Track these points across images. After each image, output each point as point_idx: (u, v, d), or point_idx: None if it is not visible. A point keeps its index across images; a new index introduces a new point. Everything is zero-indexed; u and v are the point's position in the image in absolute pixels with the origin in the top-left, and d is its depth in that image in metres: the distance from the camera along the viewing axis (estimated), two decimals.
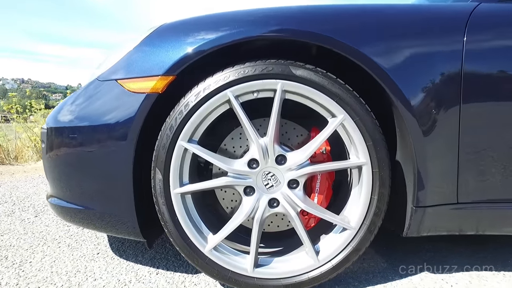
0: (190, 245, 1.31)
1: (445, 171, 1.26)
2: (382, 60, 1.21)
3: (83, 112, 1.36)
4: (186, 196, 1.32)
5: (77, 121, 1.36)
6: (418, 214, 1.29)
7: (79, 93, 1.42)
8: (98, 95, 1.35)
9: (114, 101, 1.31)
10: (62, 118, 1.42)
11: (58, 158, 1.41)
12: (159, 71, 1.26)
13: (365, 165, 1.25)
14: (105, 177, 1.33)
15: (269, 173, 1.29)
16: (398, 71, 1.21)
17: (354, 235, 1.29)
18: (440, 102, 1.22)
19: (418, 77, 1.22)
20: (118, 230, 1.40)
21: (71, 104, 1.42)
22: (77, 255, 1.70)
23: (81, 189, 1.39)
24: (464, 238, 1.87)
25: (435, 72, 1.22)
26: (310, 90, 1.22)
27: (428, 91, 1.22)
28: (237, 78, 1.22)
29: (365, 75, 1.24)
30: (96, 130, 1.32)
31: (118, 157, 1.29)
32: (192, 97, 1.24)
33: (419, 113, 1.21)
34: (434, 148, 1.23)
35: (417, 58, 1.23)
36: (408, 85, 1.21)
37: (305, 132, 1.45)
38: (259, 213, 1.29)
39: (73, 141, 1.36)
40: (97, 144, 1.32)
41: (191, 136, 1.27)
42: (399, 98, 1.21)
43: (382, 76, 1.20)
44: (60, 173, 1.44)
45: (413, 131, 1.22)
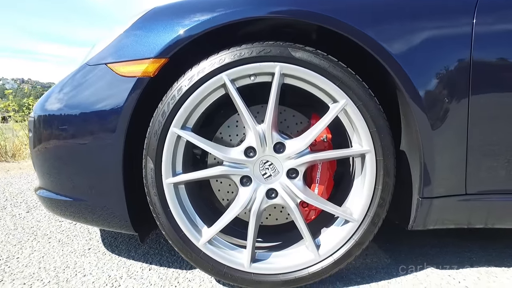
0: (183, 238, 1.24)
1: (453, 160, 1.18)
2: (389, 43, 1.13)
3: (71, 99, 1.29)
4: (180, 186, 1.25)
5: (65, 108, 1.29)
6: (424, 206, 1.22)
7: (67, 79, 1.35)
8: (87, 80, 1.28)
9: (103, 86, 1.24)
10: (50, 106, 1.35)
11: (46, 147, 1.34)
12: (150, 54, 1.19)
13: (368, 153, 1.18)
14: (94, 167, 1.27)
15: (267, 162, 1.21)
16: (405, 55, 1.13)
17: (357, 228, 1.22)
18: (448, 89, 1.15)
19: (425, 62, 1.15)
20: (110, 223, 1.34)
21: (59, 90, 1.35)
22: (67, 251, 1.63)
23: (70, 179, 1.32)
24: (471, 233, 1.80)
25: (443, 58, 1.15)
26: (310, 73, 1.15)
27: (436, 78, 1.14)
28: (233, 60, 1.15)
29: (367, 61, 1.17)
30: (85, 116, 1.25)
31: (107, 145, 1.22)
32: (185, 81, 1.17)
33: (427, 100, 1.14)
34: (442, 135, 1.16)
35: (424, 41, 1.15)
36: (415, 70, 1.13)
37: (305, 119, 1.38)
38: (256, 204, 1.22)
39: (61, 129, 1.29)
40: (86, 131, 1.25)
41: (184, 122, 1.20)
42: (405, 84, 1.13)
43: (389, 61, 1.13)
44: (48, 163, 1.37)
45: (420, 119, 1.14)
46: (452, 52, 1.15)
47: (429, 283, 1.32)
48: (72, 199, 1.35)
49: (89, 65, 1.30)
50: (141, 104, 1.22)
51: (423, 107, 1.14)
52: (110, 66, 1.24)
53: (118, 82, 1.21)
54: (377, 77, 1.25)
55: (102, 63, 1.26)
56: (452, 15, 1.15)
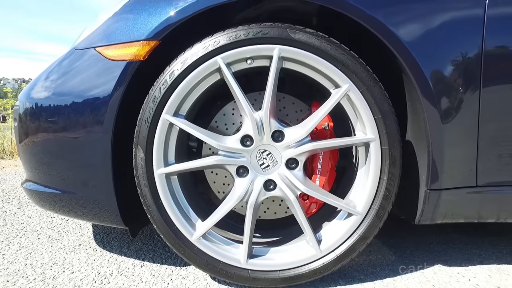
0: (175, 232, 1.16)
1: (463, 150, 1.11)
2: (396, 25, 1.06)
3: (58, 85, 1.22)
4: (172, 177, 1.18)
5: (51, 95, 1.23)
6: (432, 198, 1.14)
7: (54, 65, 1.28)
8: (75, 65, 1.21)
9: (91, 71, 1.17)
10: (36, 93, 1.28)
11: (32, 137, 1.27)
12: (141, 36, 1.12)
13: (373, 142, 1.10)
14: (82, 157, 1.20)
15: (265, 151, 1.14)
16: (413, 39, 1.06)
17: (361, 222, 1.14)
18: (459, 74, 1.08)
19: (434, 45, 1.07)
20: (100, 217, 1.26)
21: (46, 77, 1.28)
22: (56, 247, 1.55)
23: (58, 171, 1.25)
24: (478, 229, 1.72)
25: (453, 41, 1.08)
26: (310, 56, 1.08)
27: (446, 62, 1.07)
28: (229, 42, 1.08)
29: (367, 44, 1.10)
30: (72, 103, 1.18)
31: (95, 133, 1.15)
32: (178, 65, 1.10)
33: (436, 86, 1.06)
34: (452, 123, 1.09)
35: (433, 23, 1.08)
36: (423, 53, 1.06)
37: (305, 107, 1.30)
38: (254, 196, 1.15)
39: (48, 117, 1.22)
40: (73, 119, 1.18)
41: (177, 109, 1.13)
42: (411, 66, 1.06)
43: (395, 43, 1.06)
44: (34, 153, 1.29)
45: (429, 105, 1.07)
46: (463, 35, 1.08)
47: (437, 280, 1.24)
48: (60, 192, 1.27)
49: (76, 50, 1.23)
50: (132, 91, 1.15)
51: (432, 94, 1.07)
52: (99, 50, 1.17)
53: (107, 66, 1.14)
54: (380, 63, 1.17)
55: (90, 47, 1.19)
56: None
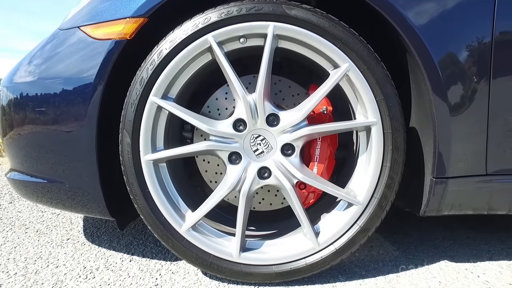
0: (163, 223, 1.09)
1: (472, 135, 1.03)
2: (407, 9, 0.99)
3: (41, 68, 1.16)
4: (161, 165, 1.11)
5: (35, 78, 1.16)
6: (438, 187, 1.06)
7: (38, 47, 1.22)
8: (59, 46, 1.15)
9: (76, 51, 1.10)
10: (18, 77, 1.22)
11: (15, 123, 1.21)
12: (127, 13, 1.05)
13: (374, 126, 1.03)
14: (67, 144, 1.13)
15: (259, 136, 1.07)
16: (422, 21, 0.99)
17: (362, 212, 1.07)
18: (468, 51, 1.00)
19: (443, 29, 1.00)
20: (88, 208, 1.19)
21: (30, 59, 1.21)
22: (43, 241, 1.48)
23: (42, 158, 1.18)
24: (486, 224, 1.63)
25: (462, 21, 1.01)
26: (307, 34, 1.01)
27: (451, 43, 1.00)
28: (220, 19, 1.01)
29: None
30: (56, 86, 1.11)
31: (79, 117, 1.09)
32: (166, 43, 1.03)
33: (442, 64, 0.99)
34: (459, 105, 1.01)
35: (443, 8, 1.00)
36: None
37: (302, 91, 1.23)
38: (247, 185, 1.07)
39: (30, 102, 1.16)
40: (58, 102, 1.11)
41: (165, 91, 1.06)
42: (416, 44, 0.99)
43: (405, 27, 0.99)
44: (18, 141, 1.22)
45: (435, 86, 1.00)
46: (472, 20, 1.01)
47: (444, 277, 1.16)
48: (46, 181, 1.21)
49: (61, 30, 1.17)
50: (119, 74, 1.08)
51: (438, 73, 0.99)
52: (83, 29, 1.10)
53: (92, 46, 1.08)
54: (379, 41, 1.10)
55: (74, 26, 1.13)
56: None
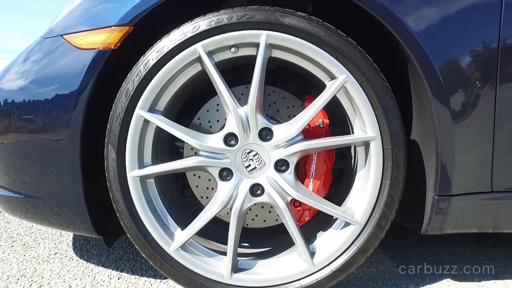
0: (151, 242, 1.03)
1: (477, 151, 0.98)
2: (406, 15, 0.93)
3: (23, 78, 1.10)
4: (148, 181, 1.05)
5: (16, 89, 1.11)
6: (441, 205, 1.01)
7: (21, 55, 1.17)
8: (42, 55, 1.09)
9: (59, 61, 1.05)
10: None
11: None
12: (111, 21, 1.00)
13: (373, 141, 0.97)
14: (48, 157, 1.08)
15: (251, 151, 1.01)
16: (420, 24, 0.94)
17: (360, 232, 1.01)
18: (472, 62, 0.95)
19: (443, 34, 0.95)
20: (75, 225, 1.14)
21: (11, 68, 1.16)
22: (29, 256, 1.43)
23: (23, 172, 1.13)
24: (489, 238, 1.57)
25: (465, 28, 0.95)
26: (302, 43, 0.95)
27: (455, 52, 0.95)
28: (209, 28, 0.96)
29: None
30: (37, 98, 1.06)
31: (62, 131, 1.03)
32: (153, 54, 0.98)
33: (446, 76, 0.93)
34: (464, 120, 0.96)
35: (445, 13, 0.95)
36: (426, 32, 0.94)
37: (297, 102, 1.17)
38: (238, 202, 1.02)
39: (11, 114, 1.10)
40: (40, 116, 1.06)
41: (153, 104, 1.00)
42: (417, 53, 0.93)
43: (400, 30, 0.93)
44: (1, 155, 1.17)
45: (438, 99, 0.94)
46: (477, 27, 0.95)
47: None
48: (26, 197, 1.15)
49: (44, 38, 1.11)
50: (105, 85, 1.03)
51: (440, 84, 0.93)
52: (67, 38, 1.05)
53: (75, 56, 1.03)
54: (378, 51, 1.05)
55: (57, 35, 1.07)
56: None
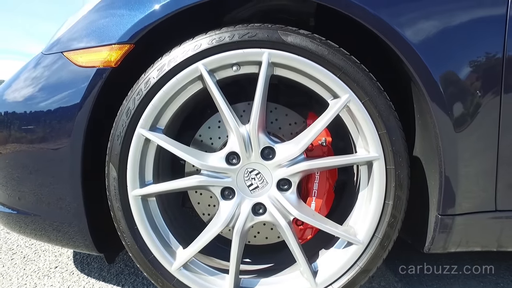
0: (153, 262, 1.03)
1: (481, 169, 0.97)
2: (399, 23, 0.92)
3: (23, 94, 1.10)
4: (150, 199, 1.04)
5: (15, 105, 1.10)
6: (444, 225, 1.00)
7: (21, 71, 1.16)
8: (42, 71, 1.09)
9: (59, 78, 1.05)
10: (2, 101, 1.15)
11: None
12: (111, 39, 0.99)
13: (376, 161, 0.96)
14: (48, 174, 1.07)
15: (253, 170, 1.00)
16: (423, 41, 0.93)
17: (363, 252, 1.00)
18: (476, 82, 0.94)
19: (444, 46, 0.94)
20: (75, 242, 1.13)
21: (10, 84, 1.15)
22: (29, 270, 1.42)
23: (21, 189, 1.12)
24: (493, 252, 1.56)
25: (468, 44, 0.94)
26: (304, 62, 0.94)
27: (460, 71, 0.93)
28: (211, 46, 0.95)
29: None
30: (37, 115, 1.06)
31: (63, 148, 1.03)
32: (154, 72, 0.97)
33: (449, 95, 0.92)
34: (467, 138, 0.95)
35: (447, 25, 0.94)
36: (432, 56, 0.93)
37: (300, 119, 1.17)
38: (241, 222, 1.01)
39: (10, 131, 1.10)
40: (39, 132, 1.06)
41: (154, 122, 0.99)
42: (423, 75, 0.92)
43: (403, 47, 0.92)
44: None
45: (441, 118, 0.93)
46: (480, 38, 0.94)
47: None
48: (27, 214, 1.14)
49: (44, 54, 1.10)
50: (105, 102, 1.02)
51: (444, 104, 0.92)
52: (67, 55, 1.04)
53: (75, 74, 1.02)
54: (385, 70, 1.04)
55: (58, 51, 1.07)
56: None
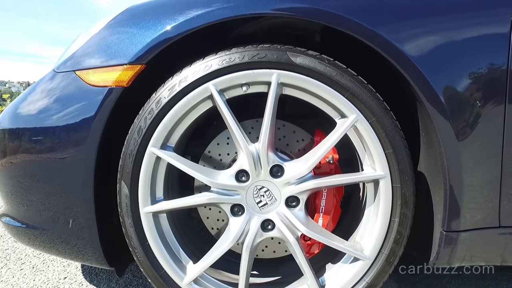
0: (164, 277, 1.05)
1: (486, 188, 0.99)
2: (404, 44, 0.94)
3: (36, 111, 1.11)
4: (160, 215, 1.07)
5: (29, 122, 1.12)
6: (449, 241, 1.02)
7: (33, 87, 1.18)
8: (54, 89, 1.10)
9: (71, 97, 1.06)
10: (12, 119, 1.17)
11: (7, 167, 1.16)
12: (124, 59, 1.01)
13: (383, 179, 0.99)
14: (60, 191, 1.08)
15: (262, 188, 1.02)
16: (425, 57, 0.95)
17: (369, 267, 1.02)
18: (478, 100, 0.96)
19: (450, 66, 0.96)
20: (83, 256, 1.15)
21: (24, 101, 1.17)
22: (39, 281, 1.44)
23: (32, 205, 1.14)
24: None
25: (472, 61, 0.96)
26: (313, 82, 0.96)
27: (462, 86, 0.95)
28: (221, 67, 0.97)
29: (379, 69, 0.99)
30: (50, 133, 1.07)
31: (75, 169, 1.05)
32: (165, 92, 0.99)
33: (453, 112, 0.94)
34: (473, 163, 0.97)
35: (450, 42, 0.96)
36: (437, 76, 0.95)
37: (307, 136, 1.19)
38: (250, 238, 1.03)
39: (23, 147, 1.12)
40: (52, 150, 1.07)
41: (164, 141, 1.01)
42: (426, 92, 0.94)
43: (405, 63, 0.94)
44: (10, 185, 1.18)
45: (445, 135, 0.95)
46: (484, 53, 0.96)
47: None
48: (36, 228, 1.16)
49: (57, 72, 1.12)
50: (117, 120, 1.04)
51: (449, 123, 0.95)
52: (79, 74, 1.06)
53: (87, 92, 1.04)
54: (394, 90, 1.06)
55: (70, 70, 1.09)
56: (487, 12, 0.96)
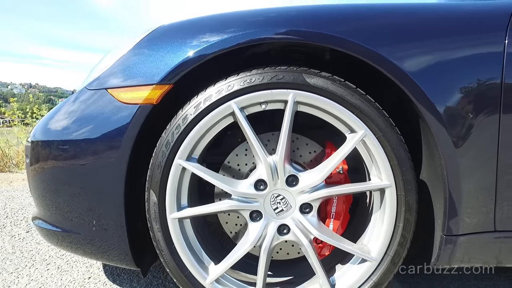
0: (188, 277, 1.15)
1: (482, 195, 1.09)
2: (404, 63, 1.04)
3: (69, 125, 1.21)
4: (185, 221, 1.17)
5: (62, 135, 1.21)
6: (449, 244, 1.12)
7: (66, 103, 1.28)
8: (86, 105, 1.20)
9: (103, 113, 1.16)
10: (46, 132, 1.27)
11: (40, 176, 1.26)
12: (153, 79, 1.11)
13: (388, 188, 1.09)
14: (93, 199, 1.18)
15: (279, 196, 1.13)
16: (424, 76, 1.05)
17: (376, 268, 1.12)
18: (476, 116, 1.05)
19: (448, 83, 1.06)
20: (110, 257, 1.25)
21: (57, 115, 1.27)
22: (66, 280, 1.54)
23: (65, 211, 1.24)
24: None
25: (469, 79, 1.06)
26: (326, 101, 1.07)
27: (459, 101, 1.05)
28: (243, 87, 1.07)
29: (383, 86, 1.09)
30: (84, 146, 1.17)
31: (107, 178, 1.15)
32: (191, 109, 1.09)
33: (450, 124, 1.04)
34: (472, 174, 1.06)
35: (448, 61, 1.06)
36: (436, 92, 1.05)
37: (319, 148, 1.29)
38: (267, 241, 1.13)
39: (57, 157, 1.21)
40: (85, 161, 1.17)
41: (190, 153, 1.11)
42: (426, 108, 1.04)
43: (405, 81, 1.04)
44: (42, 192, 1.28)
45: (444, 145, 1.05)
46: (479, 71, 1.06)
47: None
48: (67, 232, 1.26)
49: (88, 90, 1.22)
50: (146, 133, 1.14)
51: (448, 137, 1.04)
52: (110, 92, 1.16)
53: (118, 109, 1.14)
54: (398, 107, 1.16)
55: (102, 88, 1.18)
56: (482, 35, 1.06)
